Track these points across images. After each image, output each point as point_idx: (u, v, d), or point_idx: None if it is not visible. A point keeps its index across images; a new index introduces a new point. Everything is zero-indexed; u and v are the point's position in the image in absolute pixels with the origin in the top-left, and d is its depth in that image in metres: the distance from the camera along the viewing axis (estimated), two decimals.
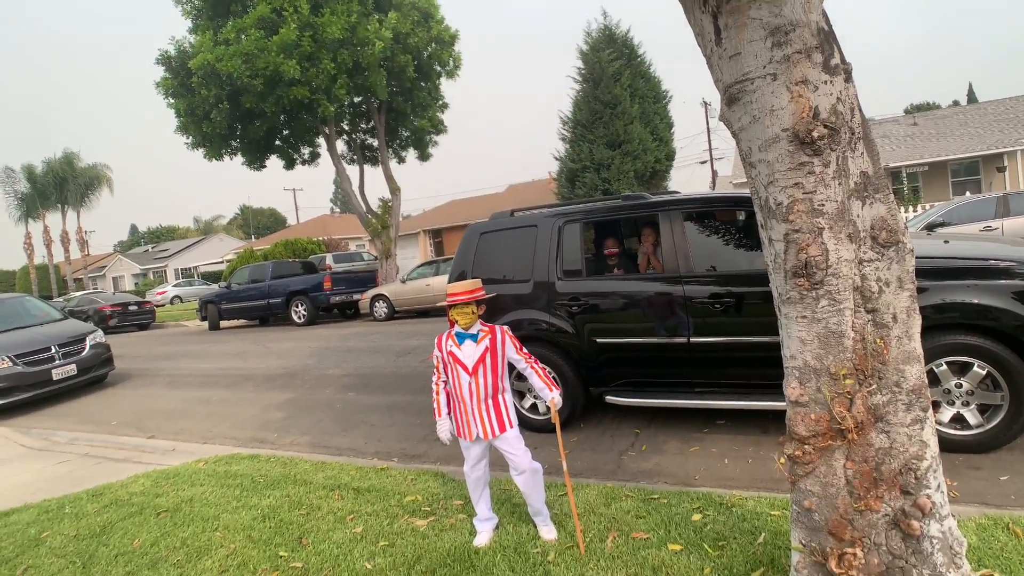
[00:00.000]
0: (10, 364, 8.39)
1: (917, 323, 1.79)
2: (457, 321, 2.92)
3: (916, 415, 1.75)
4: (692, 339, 4.16)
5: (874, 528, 1.76)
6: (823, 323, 1.75)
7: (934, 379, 3.58)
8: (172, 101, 15.20)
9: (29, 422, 7.80)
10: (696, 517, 2.90)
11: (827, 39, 1.72)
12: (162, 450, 5.74)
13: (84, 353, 9.27)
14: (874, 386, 1.74)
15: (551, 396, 2.97)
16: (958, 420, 3.59)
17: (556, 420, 2.99)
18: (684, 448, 4.20)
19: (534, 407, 4.97)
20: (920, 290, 3.54)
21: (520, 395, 5.01)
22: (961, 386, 3.52)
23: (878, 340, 1.74)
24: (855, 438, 1.74)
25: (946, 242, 4.41)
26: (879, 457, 1.75)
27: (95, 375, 9.47)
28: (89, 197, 38.13)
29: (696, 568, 2.47)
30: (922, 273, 3.59)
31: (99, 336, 9.84)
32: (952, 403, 3.58)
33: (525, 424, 4.98)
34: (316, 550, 3.10)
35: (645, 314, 4.40)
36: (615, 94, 15.90)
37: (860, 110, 1.78)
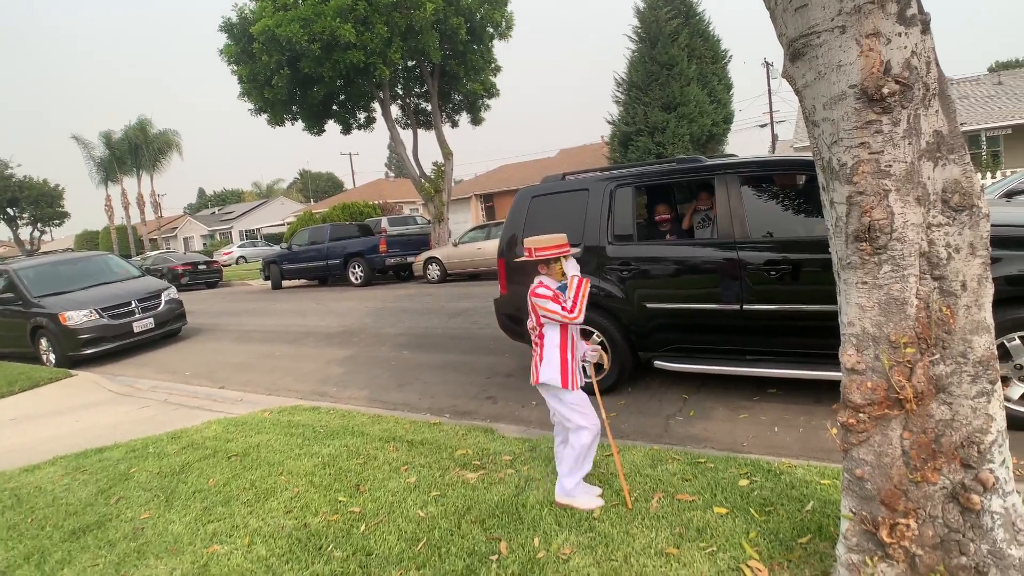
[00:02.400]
0: (97, 316, 9.10)
1: (989, 292, 1.70)
2: (551, 274, 2.95)
3: (982, 387, 1.68)
4: (745, 306, 4.07)
5: (930, 500, 1.72)
6: (885, 289, 1.69)
7: (1005, 354, 3.40)
8: (235, 68, 15.63)
9: (115, 370, 8.47)
10: (743, 482, 2.90)
11: None
12: (231, 400, 6.13)
13: (160, 308, 9.92)
14: (937, 356, 1.68)
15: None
16: None
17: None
18: (733, 415, 4.16)
19: (582, 369, 5.00)
20: (994, 260, 3.35)
21: None
22: None
23: (944, 308, 1.67)
24: (914, 408, 1.69)
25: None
26: (939, 429, 1.70)
27: (170, 328, 10.14)
28: (161, 162, 40.15)
29: (742, 531, 2.49)
30: (997, 242, 3.38)
31: (173, 292, 10.49)
32: None
33: None
34: (372, 497, 3.29)
35: (697, 280, 4.32)
36: (672, 54, 15.26)
37: (937, 64, 1.67)
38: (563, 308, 2.83)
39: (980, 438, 1.67)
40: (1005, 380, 3.44)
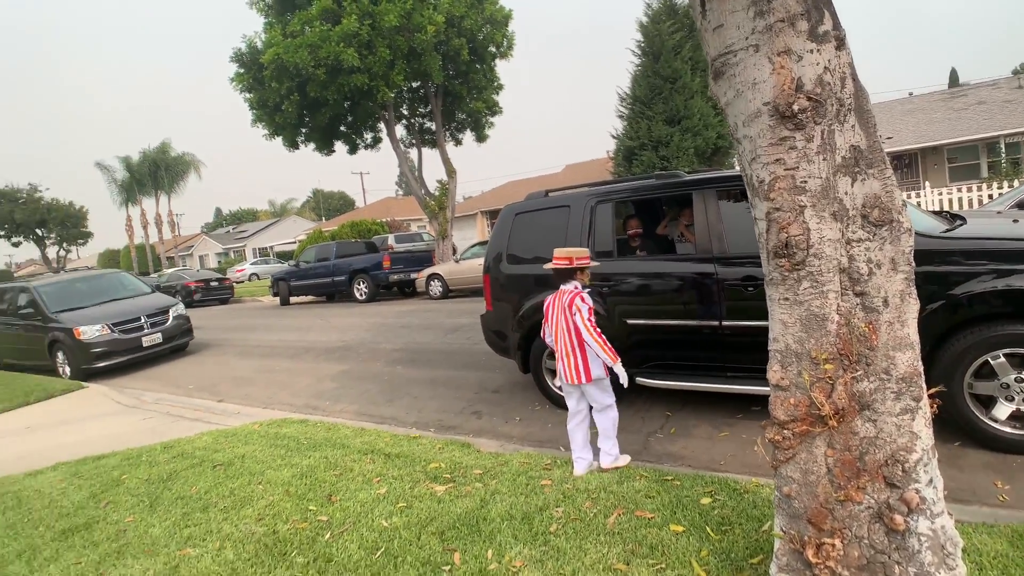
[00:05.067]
0: (108, 331, 9.35)
1: (913, 308, 1.68)
2: (583, 280, 3.56)
3: (906, 404, 1.66)
4: (724, 322, 4.04)
5: (856, 520, 1.69)
6: (805, 305, 1.69)
7: (990, 372, 3.29)
8: (247, 96, 16.01)
9: (124, 383, 8.66)
10: (705, 500, 2.87)
11: (815, 5, 1.63)
12: (229, 412, 6.22)
13: (168, 323, 10.13)
14: (860, 372, 1.67)
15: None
16: (1017, 418, 3.28)
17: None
18: (714, 433, 4.12)
19: None
20: (986, 274, 3.26)
21: (552, 373, 5.06)
22: (1022, 381, 3.23)
23: (866, 325, 1.66)
24: (836, 425, 1.67)
25: (1015, 221, 4.04)
26: (863, 446, 1.68)
27: (177, 343, 10.33)
28: (179, 183, 41.19)
29: (694, 549, 2.46)
30: (988, 255, 3.30)
31: (180, 308, 10.69)
32: (1011, 399, 3.27)
33: (557, 403, 5.05)
34: (342, 507, 3.32)
35: (675, 296, 4.31)
36: (675, 68, 15.27)
37: (854, 79, 1.68)
38: (592, 328, 3.35)
39: (904, 456, 1.64)
40: (989, 400, 3.34)
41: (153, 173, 39.78)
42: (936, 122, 20.51)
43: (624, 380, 3.34)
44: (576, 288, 3.49)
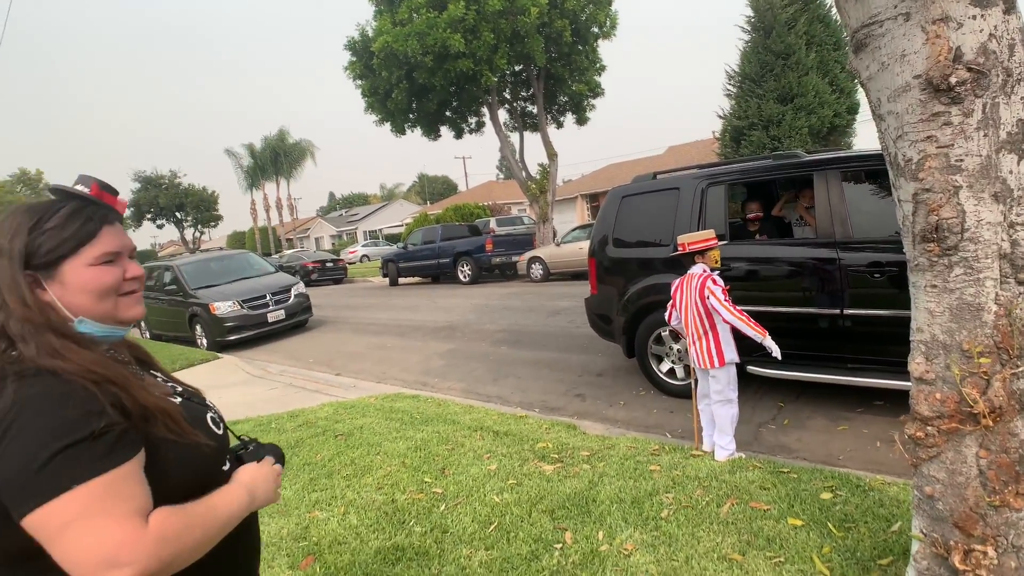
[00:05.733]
0: (239, 307, 10.35)
1: None
2: (708, 262, 3.58)
3: None
4: (846, 311, 3.79)
5: (1013, 528, 1.56)
6: (956, 294, 1.57)
7: None
8: (359, 83, 16.91)
9: (252, 355, 9.58)
10: (826, 495, 2.74)
11: None
12: (345, 385, 6.72)
13: (290, 301, 11.04)
14: (1022, 368, 1.53)
15: None
16: None
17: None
18: (831, 426, 3.90)
19: (671, 372, 4.92)
20: None
21: (658, 359, 5.00)
22: None
23: None
24: (991, 424, 1.55)
25: None
26: (1023, 450, 1.54)
27: (298, 320, 11.24)
28: (297, 168, 44.30)
29: (815, 545, 2.37)
30: None
31: (301, 287, 11.61)
32: None
33: (662, 388, 4.99)
34: (455, 480, 3.51)
35: (793, 282, 4.09)
36: (788, 43, 14.13)
37: None
38: (730, 307, 3.34)
39: None
40: None
41: (274, 159, 42.79)
42: None
43: (777, 353, 3.30)
44: (705, 271, 3.49)
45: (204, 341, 10.59)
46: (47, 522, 0.77)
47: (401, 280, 18.88)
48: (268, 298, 10.75)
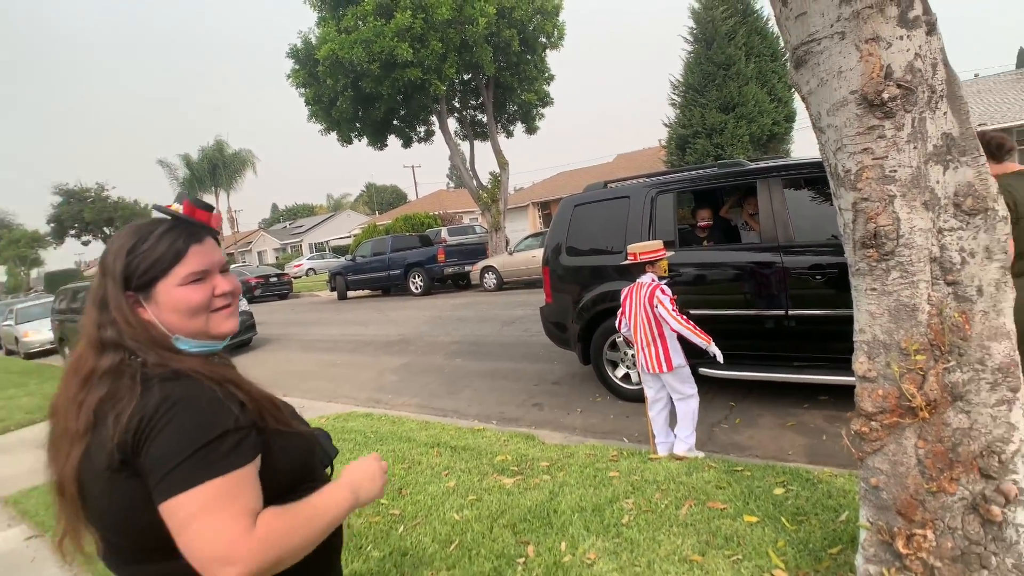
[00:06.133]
0: None
1: (1009, 297, 1.64)
2: (657, 271, 3.67)
3: (1003, 395, 1.62)
4: (791, 311, 3.97)
5: (948, 511, 1.67)
6: (894, 296, 1.67)
7: None
8: (303, 91, 16.56)
9: None
10: (778, 491, 2.85)
11: None
12: (294, 407, 6.52)
13: None
14: (952, 363, 1.64)
15: None
16: None
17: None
18: (780, 423, 4.06)
19: (627, 377, 5.01)
20: None
21: (613, 365, 5.08)
22: None
23: (958, 314, 1.62)
24: (927, 416, 1.65)
25: None
26: (956, 438, 1.65)
27: (241, 339, 10.83)
28: (237, 180, 42.88)
29: (770, 540, 2.46)
30: None
31: (243, 304, 11.22)
32: None
33: (618, 394, 5.07)
34: (413, 500, 3.44)
35: (740, 286, 4.26)
36: (729, 54, 14.85)
37: (946, 65, 1.64)
38: (678, 316, 3.47)
39: (1001, 448, 1.61)
40: None
41: (212, 170, 41.31)
42: (1006, 103, 19.18)
43: (720, 357, 3.44)
44: (654, 280, 3.58)
45: None
46: (178, 511, 0.84)
47: (350, 293, 18.53)
48: None
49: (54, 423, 0.98)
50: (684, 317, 3.48)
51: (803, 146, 16.81)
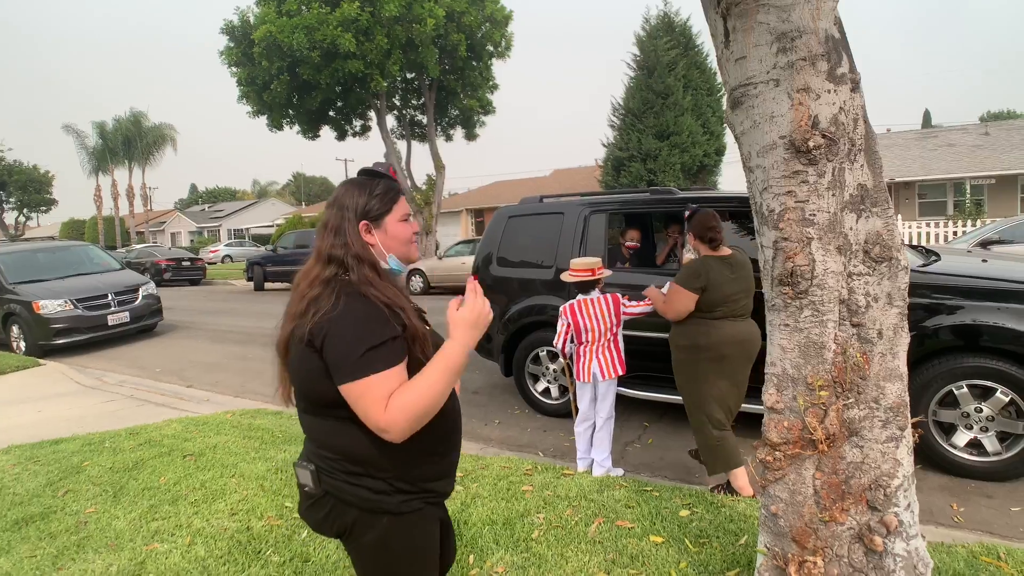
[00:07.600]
0: (71, 307, 9.02)
1: (904, 341, 1.77)
2: (600, 287, 3.78)
3: (892, 433, 1.74)
4: None
5: (837, 539, 1.77)
6: (804, 333, 1.76)
7: (953, 401, 3.50)
8: (235, 71, 15.73)
9: (85, 362, 8.38)
10: (684, 513, 2.94)
11: (836, 47, 1.70)
12: (197, 399, 6.10)
13: (137, 302, 9.85)
14: (851, 400, 1.74)
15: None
16: (975, 445, 3.50)
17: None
18: (689, 445, 4.19)
19: (547, 391, 5.05)
20: (951, 309, 3.48)
21: (534, 378, 5.10)
22: (981, 411, 3.43)
23: (860, 355, 1.73)
24: (826, 449, 1.75)
25: (984, 261, 4.23)
26: (849, 471, 1.75)
27: (146, 324, 10.06)
28: (154, 155, 40.02)
29: (673, 561, 2.52)
30: (954, 291, 3.51)
31: (151, 288, 10.43)
32: (970, 427, 3.49)
33: (537, 407, 5.09)
34: None
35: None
36: (668, 84, 15.54)
37: (865, 121, 1.76)
38: (640, 304, 3.74)
39: (887, 482, 1.73)
40: (951, 427, 3.53)
41: (127, 142, 38.41)
42: (910, 159, 21.28)
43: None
44: (608, 293, 3.76)
45: (22, 344, 9.10)
46: (350, 392, 1.24)
47: (268, 285, 17.70)
48: (110, 298, 9.51)
49: (288, 306, 1.39)
50: (644, 302, 3.73)
51: (730, 179, 17.84)
